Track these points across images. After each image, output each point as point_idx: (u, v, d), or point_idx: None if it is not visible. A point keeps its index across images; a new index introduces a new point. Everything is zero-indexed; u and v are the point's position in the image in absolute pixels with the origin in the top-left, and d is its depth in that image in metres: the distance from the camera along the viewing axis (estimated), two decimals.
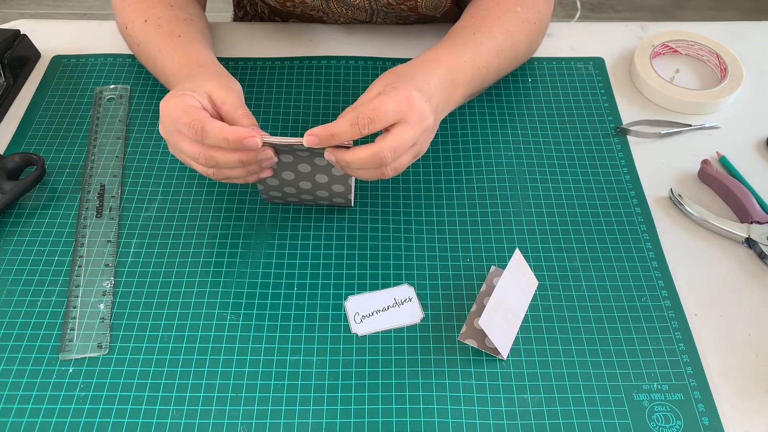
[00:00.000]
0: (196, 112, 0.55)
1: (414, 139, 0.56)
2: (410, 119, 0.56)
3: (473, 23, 0.69)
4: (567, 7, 2.15)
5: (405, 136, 0.56)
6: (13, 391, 0.56)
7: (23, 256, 0.64)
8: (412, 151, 0.58)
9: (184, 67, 0.64)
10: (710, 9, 2.21)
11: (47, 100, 0.77)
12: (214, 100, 0.58)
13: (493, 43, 0.69)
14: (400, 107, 0.55)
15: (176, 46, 0.67)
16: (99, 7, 2.23)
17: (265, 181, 0.63)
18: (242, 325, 0.60)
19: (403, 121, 0.56)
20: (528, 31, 0.73)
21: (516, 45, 0.72)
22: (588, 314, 0.60)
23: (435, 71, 0.62)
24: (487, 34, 0.68)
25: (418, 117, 0.56)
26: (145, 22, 0.71)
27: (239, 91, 0.61)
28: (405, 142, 0.56)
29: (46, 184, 0.70)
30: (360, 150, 0.55)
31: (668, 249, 0.65)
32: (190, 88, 0.58)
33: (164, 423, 0.54)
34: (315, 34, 0.85)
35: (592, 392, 0.56)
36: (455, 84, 0.64)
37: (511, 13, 0.71)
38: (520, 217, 0.67)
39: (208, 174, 0.58)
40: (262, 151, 0.57)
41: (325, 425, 0.54)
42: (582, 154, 0.73)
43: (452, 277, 0.63)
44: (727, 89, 0.77)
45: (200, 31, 0.71)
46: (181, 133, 0.56)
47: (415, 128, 0.56)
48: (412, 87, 0.57)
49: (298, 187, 0.63)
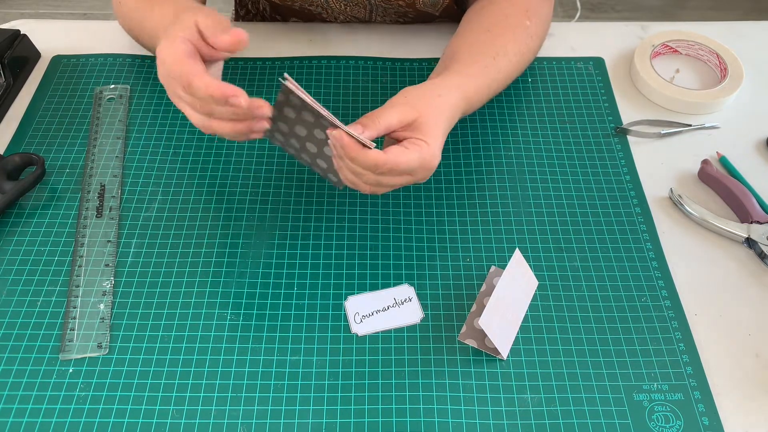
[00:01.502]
0: (185, 64, 0.55)
1: (406, 184, 0.59)
2: (417, 175, 0.58)
3: (489, 41, 0.69)
4: (567, 7, 2.15)
5: (399, 181, 0.57)
6: (13, 391, 0.56)
7: (23, 256, 0.64)
8: (404, 181, 0.59)
9: (177, 13, 0.62)
10: (710, 9, 2.21)
11: (47, 100, 0.77)
12: (201, 30, 0.57)
13: (508, 69, 0.70)
14: (420, 170, 0.57)
15: (170, 2, 0.66)
16: (99, 7, 2.23)
17: (278, 125, 0.62)
18: (242, 325, 0.60)
19: (411, 174, 0.57)
20: (533, 46, 0.74)
21: (525, 63, 0.73)
22: (588, 314, 0.60)
23: (458, 105, 0.63)
24: (503, 56, 0.69)
25: (426, 175, 0.58)
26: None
27: (226, 20, 0.60)
28: (395, 185, 0.58)
29: (46, 184, 0.70)
30: (368, 156, 0.55)
31: (668, 249, 0.65)
32: (180, 27, 0.57)
33: (164, 423, 0.54)
34: (315, 34, 0.85)
35: (592, 392, 0.56)
36: (465, 112, 0.66)
37: (521, 29, 0.71)
38: (520, 217, 0.67)
39: (200, 124, 0.57)
40: (257, 108, 0.56)
41: (325, 425, 0.54)
42: (582, 154, 0.73)
43: (452, 277, 0.63)
44: (727, 89, 0.77)
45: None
46: (176, 81, 0.56)
47: (417, 180, 0.58)
48: (440, 147, 0.58)
49: (303, 146, 0.63)
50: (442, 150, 0.59)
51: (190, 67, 0.55)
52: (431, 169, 0.58)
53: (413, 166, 0.56)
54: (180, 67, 0.55)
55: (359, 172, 0.56)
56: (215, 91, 0.54)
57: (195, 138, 0.74)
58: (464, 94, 0.64)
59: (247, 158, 0.72)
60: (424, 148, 0.57)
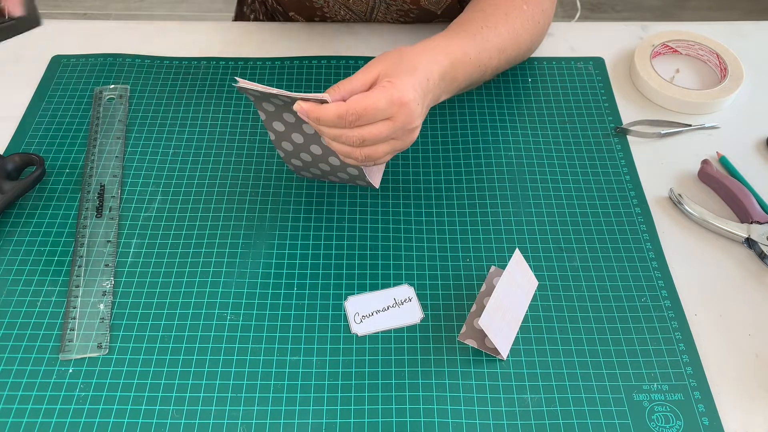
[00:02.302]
0: None
1: (390, 134, 0.56)
2: (397, 119, 0.56)
3: (481, 17, 0.69)
4: (567, 7, 2.15)
5: (381, 130, 0.56)
6: (13, 391, 0.56)
7: (23, 256, 0.64)
8: (390, 144, 0.58)
9: None
10: (710, 9, 2.21)
11: (47, 100, 0.77)
12: None
13: (498, 41, 0.68)
14: (392, 108, 0.55)
15: None
16: (99, 7, 2.22)
17: (295, 161, 0.64)
18: (242, 325, 0.60)
19: (390, 119, 0.56)
20: (532, 31, 0.73)
21: (519, 44, 0.72)
22: (588, 314, 0.60)
23: (439, 63, 0.61)
24: (494, 30, 0.68)
25: (406, 119, 0.56)
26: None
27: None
28: (379, 134, 0.56)
29: (46, 184, 0.70)
30: (329, 110, 0.55)
31: (668, 249, 0.65)
32: None
33: (164, 423, 0.54)
34: (315, 34, 0.85)
35: (592, 392, 0.56)
36: (454, 78, 0.64)
37: (518, 11, 0.71)
38: (520, 217, 0.67)
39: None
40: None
41: (325, 425, 0.54)
42: (582, 154, 0.73)
43: (452, 277, 0.63)
44: (727, 89, 0.77)
45: None
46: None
47: (397, 126, 0.56)
48: (411, 86, 0.57)
49: (318, 167, 0.64)
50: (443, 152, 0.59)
51: None
52: (406, 106, 0.56)
53: (381, 106, 0.55)
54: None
55: (336, 134, 0.55)
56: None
57: (195, 138, 0.74)
58: (446, 50, 0.63)
59: (247, 158, 0.72)
60: (388, 86, 0.56)
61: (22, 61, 0.82)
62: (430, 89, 0.60)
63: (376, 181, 0.65)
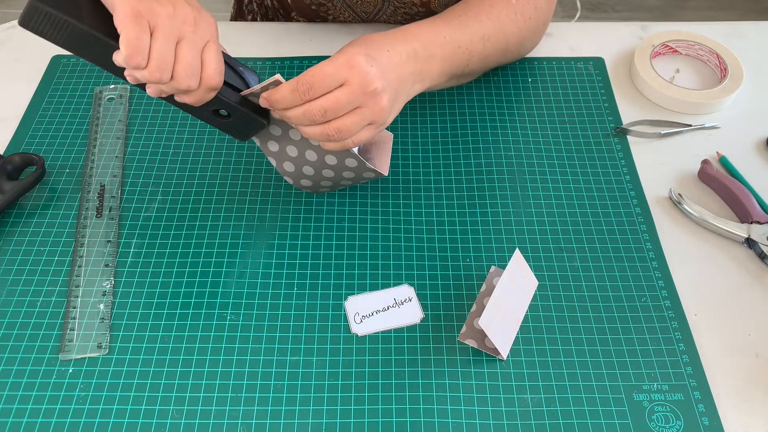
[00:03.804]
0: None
1: (351, 100, 0.56)
2: (352, 82, 0.56)
3: (462, 8, 0.70)
4: (567, 7, 2.15)
5: (338, 95, 0.55)
6: (13, 391, 0.56)
7: (23, 256, 0.64)
8: (358, 115, 0.57)
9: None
10: (710, 9, 2.21)
11: (47, 100, 0.77)
12: None
13: (478, 27, 0.68)
14: (340, 72, 0.55)
15: None
16: None
17: (304, 180, 0.65)
18: (242, 325, 0.60)
19: (345, 84, 0.56)
20: (521, 25, 0.73)
21: (506, 35, 0.72)
22: (588, 314, 0.60)
23: (405, 41, 0.62)
24: (474, 18, 0.69)
25: (360, 81, 0.56)
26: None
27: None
28: (338, 101, 0.55)
29: (46, 184, 0.70)
30: (283, 87, 0.55)
31: (668, 249, 0.65)
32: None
33: (164, 423, 0.54)
34: (315, 34, 0.85)
35: (592, 392, 0.56)
36: (430, 57, 0.63)
37: (504, 3, 0.71)
38: (520, 217, 0.67)
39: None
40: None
41: (325, 425, 0.54)
42: (582, 154, 0.73)
43: (452, 277, 0.63)
44: (727, 89, 0.77)
45: None
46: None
47: (354, 90, 0.56)
48: (362, 51, 0.57)
49: (322, 176, 0.64)
50: (443, 152, 0.59)
51: None
52: (356, 67, 0.55)
53: (328, 71, 0.55)
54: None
55: (298, 114, 0.56)
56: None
57: (195, 138, 0.74)
58: (414, 32, 0.63)
59: (247, 158, 0.72)
60: (337, 54, 0.56)
61: (22, 61, 0.82)
62: (393, 63, 0.60)
63: (383, 168, 0.64)
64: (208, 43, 0.55)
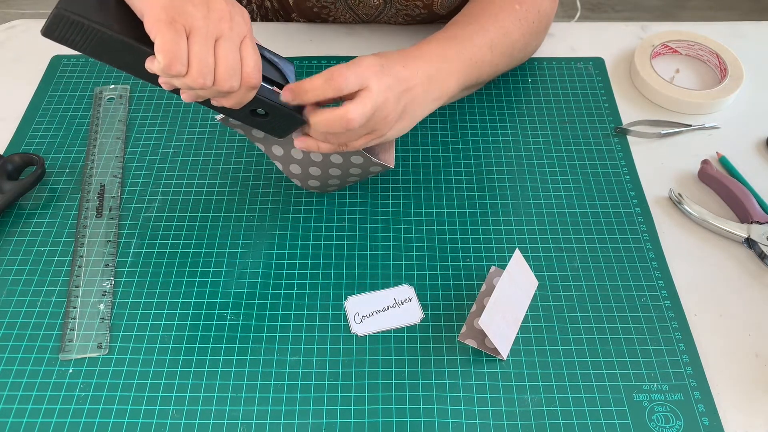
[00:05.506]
0: None
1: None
2: (334, 77, 0.54)
3: (465, 20, 0.69)
4: (567, 7, 2.15)
5: (319, 85, 0.54)
6: (13, 391, 0.56)
7: (23, 256, 0.64)
8: (366, 128, 0.56)
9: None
10: (710, 9, 2.21)
11: (47, 100, 0.77)
12: None
13: (485, 37, 0.68)
14: (330, 74, 0.54)
15: None
16: None
17: (312, 181, 0.64)
18: (242, 325, 0.60)
19: (327, 78, 0.54)
20: (525, 30, 0.73)
21: (512, 41, 0.72)
22: (588, 314, 0.60)
23: (423, 61, 0.61)
24: (479, 29, 0.68)
25: (347, 75, 0.54)
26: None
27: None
28: (326, 94, 0.54)
29: (46, 184, 0.70)
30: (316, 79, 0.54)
31: (668, 249, 0.65)
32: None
33: (164, 423, 0.54)
34: (315, 34, 0.85)
35: (592, 392, 0.56)
36: (447, 75, 0.63)
37: (508, 11, 0.71)
38: (520, 217, 0.67)
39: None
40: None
41: (325, 425, 0.54)
42: (582, 154, 0.73)
43: (452, 277, 0.63)
44: (727, 89, 0.77)
45: None
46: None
47: (335, 74, 0.54)
48: (378, 62, 0.57)
49: (330, 175, 0.64)
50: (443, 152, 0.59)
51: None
52: (341, 73, 0.54)
53: (321, 79, 0.54)
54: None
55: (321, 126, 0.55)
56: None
57: (195, 138, 0.74)
58: (429, 53, 0.63)
59: (247, 158, 0.72)
60: (333, 67, 0.55)
61: (22, 61, 0.82)
62: (407, 76, 0.59)
63: (389, 161, 0.63)
64: (245, 39, 0.52)
